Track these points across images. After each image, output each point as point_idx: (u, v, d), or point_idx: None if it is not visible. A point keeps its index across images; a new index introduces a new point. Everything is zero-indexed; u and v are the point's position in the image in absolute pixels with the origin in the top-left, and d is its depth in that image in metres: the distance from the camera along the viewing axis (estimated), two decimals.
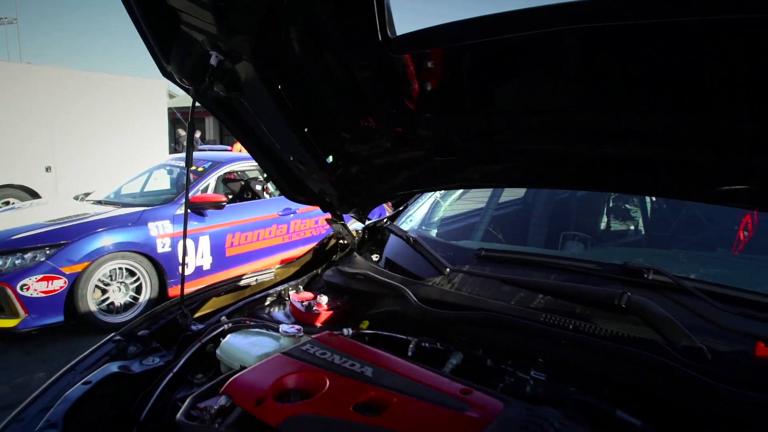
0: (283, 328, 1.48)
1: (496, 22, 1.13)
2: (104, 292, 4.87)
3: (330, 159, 1.74)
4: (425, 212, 2.36)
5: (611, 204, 2.79)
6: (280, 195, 6.48)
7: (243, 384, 1.20)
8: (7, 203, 8.55)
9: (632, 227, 2.71)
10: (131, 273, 5.02)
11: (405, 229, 2.12)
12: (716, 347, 1.16)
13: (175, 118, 13.61)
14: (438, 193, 2.44)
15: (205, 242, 5.45)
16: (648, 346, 1.18)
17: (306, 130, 1.62)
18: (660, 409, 1.12)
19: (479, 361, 1.36)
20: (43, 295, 4.51)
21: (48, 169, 9.48)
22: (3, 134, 8.87)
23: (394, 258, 1.99)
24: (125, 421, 1.38)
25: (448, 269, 1.69)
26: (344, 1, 1.18)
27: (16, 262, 4.52)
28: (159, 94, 11.72)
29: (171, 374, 1.48)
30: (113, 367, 1.44)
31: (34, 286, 4.47)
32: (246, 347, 1.45)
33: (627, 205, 2.82)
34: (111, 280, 4.90)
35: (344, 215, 2.04)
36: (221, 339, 1.54)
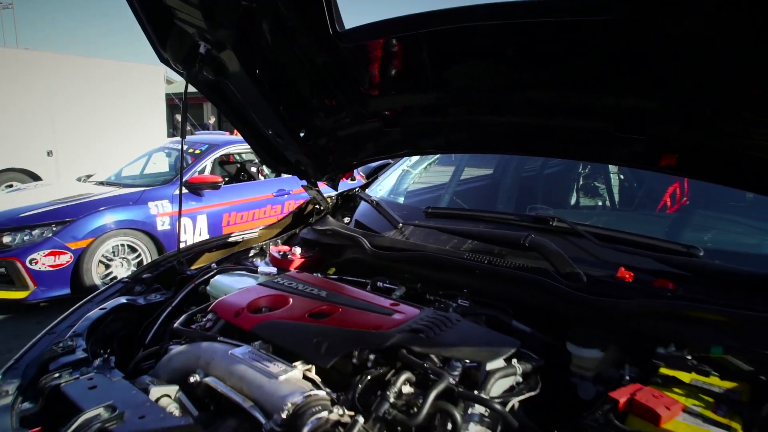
0: (261, 268, 1.85)
1: (424, 18, 1.47)
2: (108, 267, 5.25)
3: (302, 133, 2.09)
4: (394, 182, 2.72)
5: (581, 182, 3.12)
6: (274, 177, 6.86)
7: (225, 304, 1.57)
8: (10, 186, 8.92)
9: (600, 203, 3.04)
10: (133, 249, 5.39)
11: (373, 195, 2.48)
12: (591, 272, 1.52)
13: (173, 104, 13.95)
14: (406, 165, 2.79)
15: (202, 220, 5.82)
16: (541, 273, 1.54)
17: (281, 107, 1.97)
18: (545, 318, 1.48)
19: (418, 293, 1.73)
20: (51, 269, 4.89)
21: (49, 153, 9.86)
22: (4, 119, 9.23)
23: (361, 219, 2.36)
24: (133, 343, 1.75)
25: (400, 224, 2.05)
26: (300, 1, 1.52)
27: (25, 238, 4.89)
28: (157, 80, 12.07)
29: (170, 308, 1.85)
30: (123, 299, 1.81)
31: (42, 261, 4.85)
32: (230, 283, 1.82)
33: (596, 183, 3.15)
34: (114, 255, 5.28)
35: (318, 182, 2.39)
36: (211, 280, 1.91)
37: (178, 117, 14.99)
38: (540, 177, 3.17)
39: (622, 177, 3.03)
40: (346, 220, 2.44)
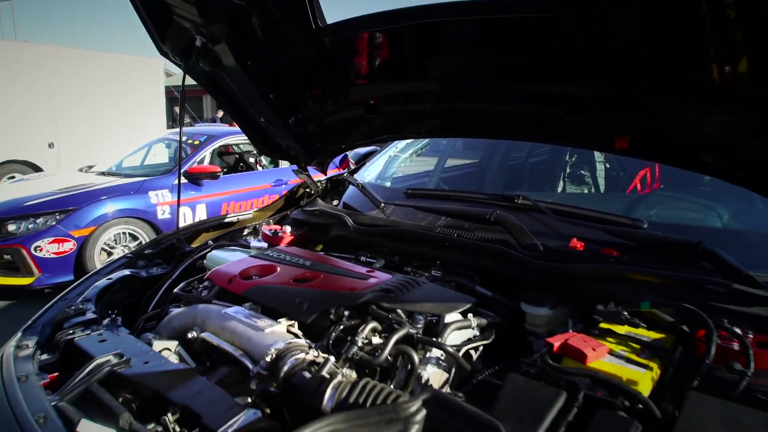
0: (252, 243, 2.04)
1: (395, 14, 1.65)
2: (110, 254, 5.44)
3: (292, 120, 2.27)
4: (380, 168, 2.90)
5: (569, 170, 3.29)
6: (273, 167, 7.05)
7: (220, 272, 1.76)
8: (12, 177, 9.12)
9: (586, 191, 3.21)
10: (134, 237, 5.58)
11: (361, 180, 2.67)
12: (549, 243, 1.70)
13: (173, 96, 14.13)
14: (392, 151, 2.98)
15: (202, 209, 6.01)
16: (503, 244, 1.72)
17: (271, 96, 2.15)
18: (506, 284, 1.67)
19: (396, 265, 1.92)
20: (55, 256, 5.09)
21: (51, 145, 10.05)
22: (5, 112, 9.43)
23: (348, 201, 2.55)
24: (136, 311, 1.94)
25: (382, 204, 2.24)
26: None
27: (29, 226, 5.09)
28: (156, 73, 12.26)
29: (170, 280, 2.04)
30: (127, 271, 2.00)
31: (47, 248, 5.05)
32: (225, 257, 2.01)
33: (582, 171, 3.32)
34: (116, 243, 5.47)
35: (308, 167, 2.58)
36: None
37: (178, 109, 15.18)
38: (525, 165, 3.35)
39: (608, 165, 3.21)
40: (335, 202, 2.63)
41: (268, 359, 1.28)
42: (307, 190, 2.68)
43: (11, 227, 5.04)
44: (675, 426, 1.01)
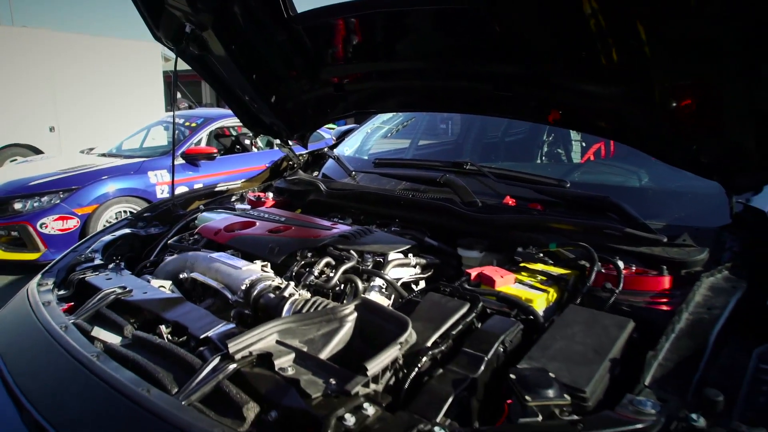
0: (238, 206, 2.37)
1: (356, 5, 1.96)
2: None
3: (273, 98, 2.59)
4: (358, 144, 3.22)
5: (545, 149, 3.59)
6: (268, 149, 7.37)
7: (207, 227, 2.10)
8: (15, 160, 9.47)
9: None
10: None
11: (339, 153, 2.99)
12: (487, 201, 2.03)
13: (171, 81, 14.37)
14: (368, 128, 3.29)
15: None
16: (449, 202, 2.04)
17: (254, 77, 2.46)
18: (448, 235, 1.99)
19: (362, 223, 2.24)
20: (60, 232, 5.44)
21: (52, 129, 10.39)
22: (7, 96, 9.76)
23: (326, 172, 2.87)
24: (137, 263, 2.28)
25: (353, 172, 2.57)
26: None
27: (35, 204, 5.44)
28: (154, 57, 12.56)
29: (166, 238, 2.37)
30: (128, 230, 2.34)
31: (52, 225, 5.40)
32: (213, 217, 2.33)
33: (559, 150, 3.62)
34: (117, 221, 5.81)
35: (290, 141, 2.90)
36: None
37: (177, 94, 15.48)
38: (501, 144, 3.65)
39: (584, 145, 3.51)
40: (315, 173, 2.95)
41: (243, 288, 1.61)
42: (290, 162, 3.00)
43: (17, 205, 5.39)
44: (550, 326, 1.34)
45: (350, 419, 1.00)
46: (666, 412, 1.01)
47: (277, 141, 2.88)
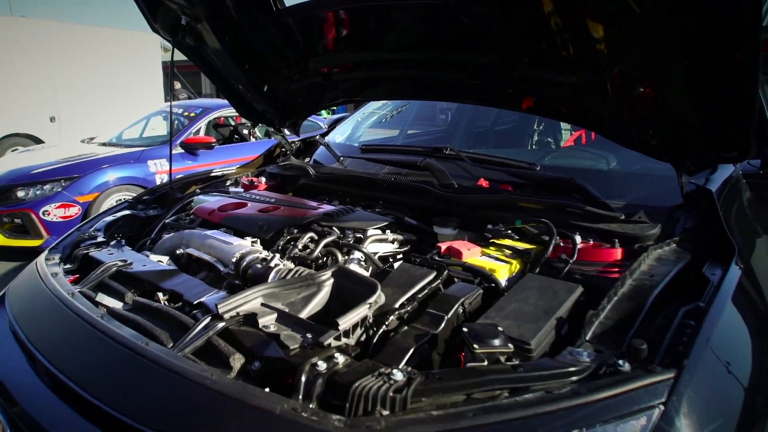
0: (232, 190, 2.53)
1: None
2: None
3: (265, 88, 2.74)
4: (349, 132, 3.38)
5: (536, 138, 3.73)
6: (266, 139, 7.53)
7: (202, 208, 2.26)
8: (16, 150, 9.64)
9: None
10: None
11: (330, 141, 3.15)
12: (463, 183, 2.19)
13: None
14: (359, 117, 3.45)
15: None
16: (427, 184, 2.20)
17: (247, 67, 2.62)
18: (426, 215, 2.15)
19: (347, 204, 2.40)
20: (62, 219, 5.61)
21: (52, 119, 10.56)
22: (7, 86, 9.92)
23: (317, 158, 3.03)
24: (137, 242, 2.44)
25: (341, 157, 2.73)
26: None
27: (37, 192, 5.61)
28: (154, 48, 12.71)
29: (164, 220, 2.53)
30: (128, 211, 2.50)
31: (54, 212, 5.57)
32: (208, 199, 2.50)
33: (549, 139, 3.77)
34: None
35: (283, 129, 3.06)
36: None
37: (177, 84, 15.62)
38: (490, 132, 3.79)
39: (573, 133, 3.66)
40: (307, 160, 3.11)
41: (233, 260, 1.78)
42: (283, 149, 3.16)
43: (20, 193, 5.56)
44: (508, 292, 1.50)
45: (322, 365, 1.17)
46: (599, 361, 1.17)
47: (270, 128, 3.03)
